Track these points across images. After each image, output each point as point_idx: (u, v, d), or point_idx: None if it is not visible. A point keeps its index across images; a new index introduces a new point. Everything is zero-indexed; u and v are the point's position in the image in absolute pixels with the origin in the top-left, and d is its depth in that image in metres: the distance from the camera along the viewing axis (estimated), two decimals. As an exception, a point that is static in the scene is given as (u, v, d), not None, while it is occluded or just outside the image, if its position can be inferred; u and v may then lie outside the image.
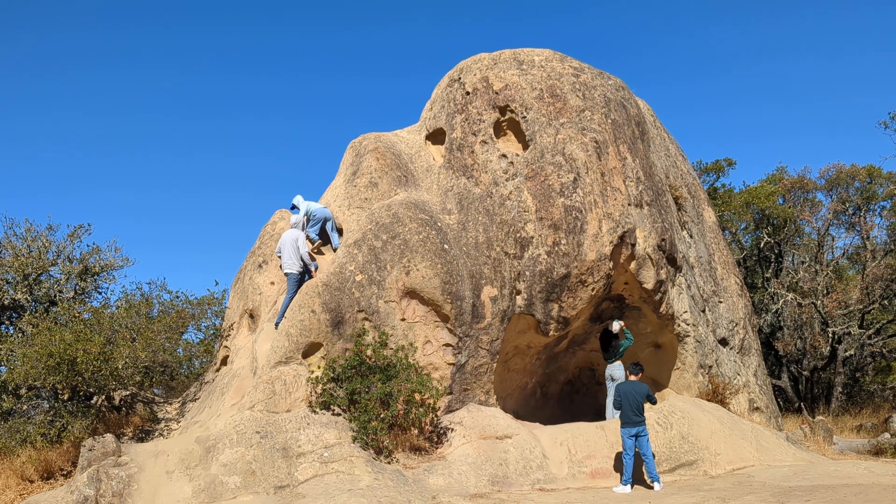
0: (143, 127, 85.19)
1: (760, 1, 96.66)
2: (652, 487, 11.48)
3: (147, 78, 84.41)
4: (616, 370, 14.17)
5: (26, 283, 15.30)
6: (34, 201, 67.98)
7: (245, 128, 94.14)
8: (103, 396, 12.96)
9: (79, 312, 14.09)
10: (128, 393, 13.75)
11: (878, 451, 15.75)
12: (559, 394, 16.63)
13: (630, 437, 11.62)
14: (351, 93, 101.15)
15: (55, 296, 15.58)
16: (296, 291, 13.08)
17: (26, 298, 15.23)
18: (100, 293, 16.68)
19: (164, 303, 15.20)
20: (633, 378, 12.16)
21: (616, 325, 14.39)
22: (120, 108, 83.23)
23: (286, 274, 13.41)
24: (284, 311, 12.90)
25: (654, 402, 12.10)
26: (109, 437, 10.99)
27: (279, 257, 13.84)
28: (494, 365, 13.34)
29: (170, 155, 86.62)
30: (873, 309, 27.32)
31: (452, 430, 12.35)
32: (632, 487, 11.45)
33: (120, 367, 11.99)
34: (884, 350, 29.57)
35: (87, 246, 16.75)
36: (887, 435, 16.64)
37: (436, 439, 12.21)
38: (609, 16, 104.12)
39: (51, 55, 77.79)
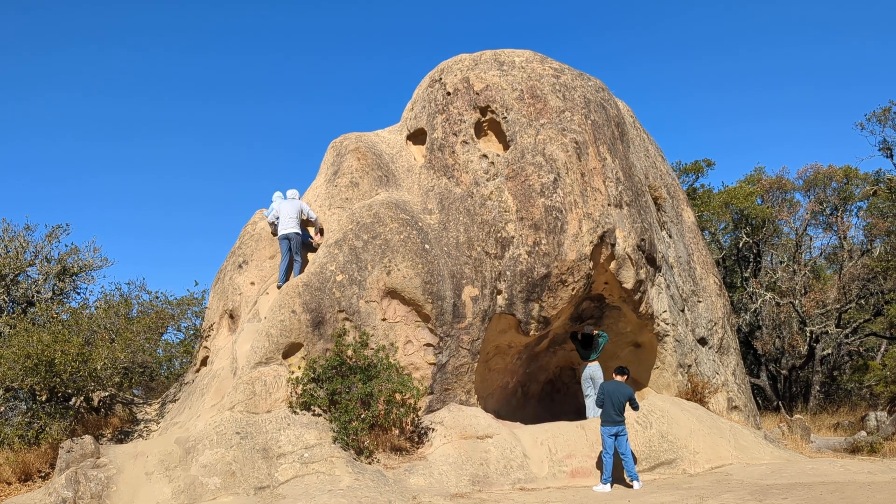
0: (124, 113, 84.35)
1: None
2: (631, 486, 11.56)
3: (129, 60, 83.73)
4: (596, 371, 14.26)
5: (3, 283, 15.18)
6: (8, 193, 67.23)
7: (229, 117, 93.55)
8: (82, 398, 12.86)
9: (57, 313, 14.00)
10: (107, 394, 13.67)
11: (854, 449, 15.91)
12: (540, 393, 16.68)
13: (610, 435, 11.70)
14: (336, 85, 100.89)
15: (33, 296, 15.46)
16: (289, 256, 13.69)
17: (3, 299, 15.12)
18: (78, 294, 16.59)
19: (143, 303, 15.12)
20: (618, 378, 12.25)
21: (588, 329, 14.62)
22: (98, 91, 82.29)
23: (286, 237, 13.75)
24: (285, 276, 13.55)
25: (636, 408, 12.20)
26: (88, 438, 10.92)
27: (273, 224, 14.49)
28: (475, 364, 13.36)
29: (153, 144, 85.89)
30: (850, 308, 27.59)
31: (433, 429, 12.37)
32: (611, 486, 11.52)
33: (99, 367, 11.91)
34: (860, 349, 29.87)
35: (66, 246, 16.68)
36: (864, 433, 16.82)
37: (417, 439, 12.22)
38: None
39: (24, 35, 76.89)
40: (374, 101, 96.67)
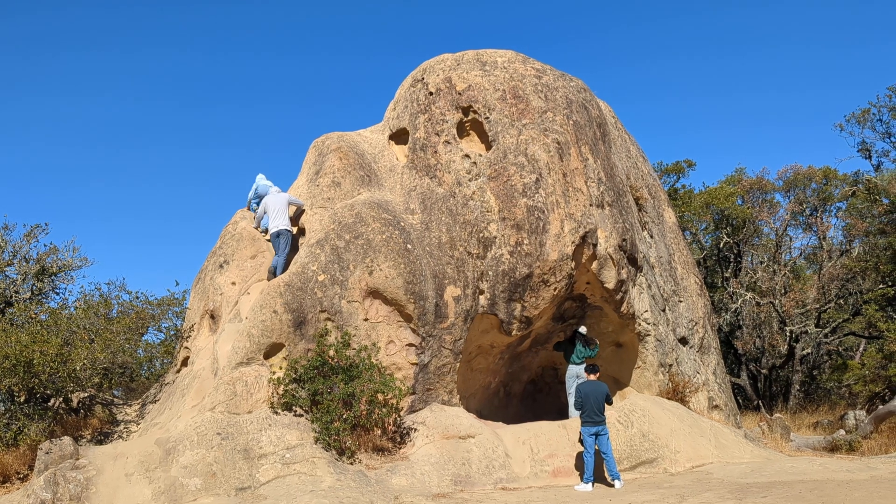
0: (101, 116, 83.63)
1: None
2: (613, 485, 11.60)
3: (108, 61, 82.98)
4: (582, 370, 14.32)
5: (-19, 283, 15.02)
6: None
7: (209, 119, 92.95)
8: (61, 398, 12.75)
9: (35, 313, 13.87)
10: (86, 395, 13.57)
11: (833, 448, 16.04)
12: (522, 393, 16.72)
13: (591, 435, 11.74)
14: (317, 85, 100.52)
15: (11, 297, 15.32)
16: (287, 251, 13.84)
17: (-19, 299, 14.96)
18: (57, 294, 16.44)
19: (123, 303, 14.99)
20: (591, 377, 12.31)
21: (584, 329, 14.63)
22: (77, 94, 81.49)
23: (278, 234, 13.92)
24: (284, 267, 13.67)
25: (610, 403, 12.25)
26: (67, 439, 10.83)
27: (259, 225, 14.77)
28: (458, 364, 13.37)
29: (130, 148, 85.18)
30: (829, 308, 27.83)
31: (415, 430, 12.36)
32: (593, 485, 11.56)
33: (78, 368, 11.81)
34: (840, 348, 30.16)
35: (45, 246, 16.53)
36: (842, 432, 16.97)
37: (399, 439, 12.21)
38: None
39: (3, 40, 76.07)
40: (355, 101, 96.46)
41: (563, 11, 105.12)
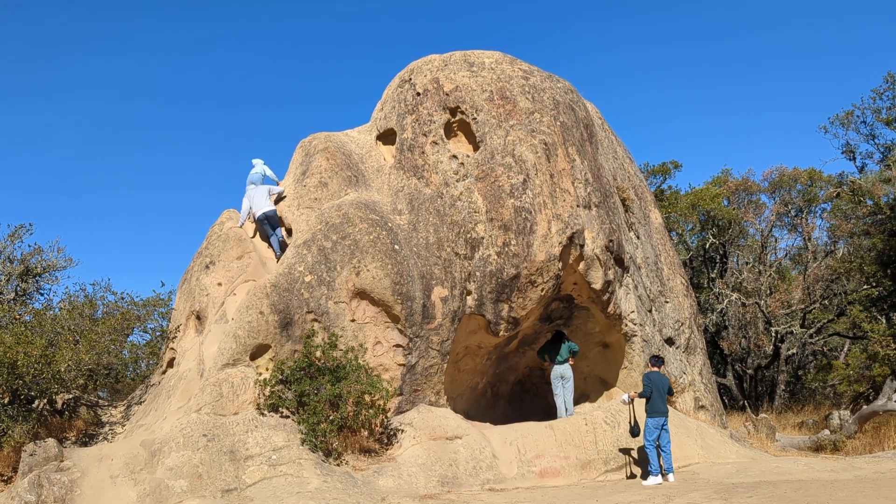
0: (85, 121, 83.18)
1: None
2: (667, 478, 11.76)
3: (89, 65, 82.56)
4: (567, 370, 14.36)
5: (-36, 284, 14.90)
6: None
7: (194, 122, 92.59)
8: (45, 400, 12.66)
9: (19, 314, 13.77)
10: (71, 396, 13.47)
11: (818, 448, 16.13)
12: (509, 394, 16.73)
13: (657, 427, 11.86)
14: (304, 86, 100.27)
15: (-6, 297, 15.20)
16: (279, 229, 14.50)
17: (-36, 300, 14.84)
18: (42, 294, 16.34)
19: (108, 304, 14.88)
20: (655, 369, 12.43)
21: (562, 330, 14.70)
22: (58, 100, 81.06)
23: (264, 217, 14.43)
24: (279, 246, 14.37)
25: (671, 394, 12.54)
26: (51, 441, 10.77)
27: (251, 216, 14.94)
28: (445, 365, 13.36)
29: (115, 152, 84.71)
30: (814, 309, 28.00)
31: (402, 431, 12.35)
32: (662, 478, 11.62)
33: (62, 369, 11.73)
34: (824, 349, 30.33)
35: (29, 246, 16.41)
36: (827, 432, 17.06)
37: (386, 441, 12.20)
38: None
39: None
40: (343, 102, 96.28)
41: (548, 6, 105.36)
